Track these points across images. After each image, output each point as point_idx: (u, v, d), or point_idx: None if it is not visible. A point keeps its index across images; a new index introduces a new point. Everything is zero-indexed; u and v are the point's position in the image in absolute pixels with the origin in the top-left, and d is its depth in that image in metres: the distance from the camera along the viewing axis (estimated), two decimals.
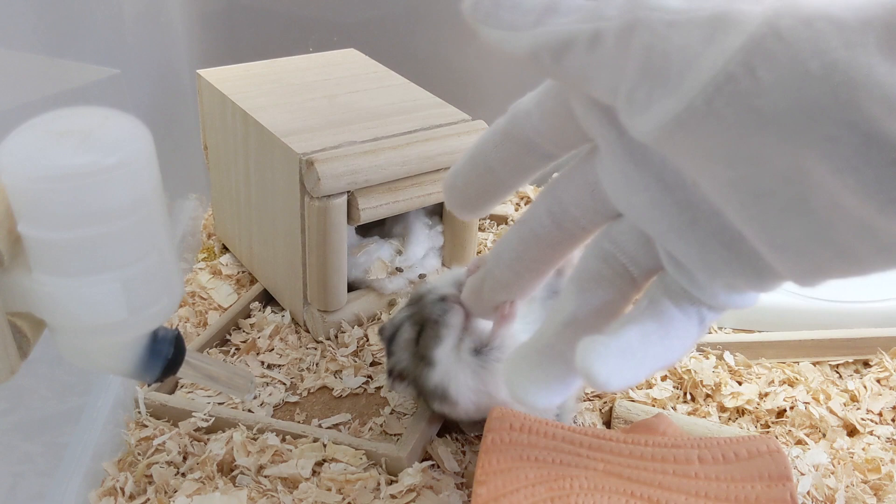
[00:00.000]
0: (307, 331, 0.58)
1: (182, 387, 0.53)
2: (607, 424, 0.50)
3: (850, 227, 0.25)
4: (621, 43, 0.25)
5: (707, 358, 0.55)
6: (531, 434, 0.40)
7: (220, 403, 0.50)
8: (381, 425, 0.50)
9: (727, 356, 0.55)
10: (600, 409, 0.51)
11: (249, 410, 0.51)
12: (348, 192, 0.52)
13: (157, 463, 0.46)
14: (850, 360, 0.56)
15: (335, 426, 0.50)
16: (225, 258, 0.66)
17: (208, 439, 0.47)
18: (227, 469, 0.46)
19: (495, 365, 0.43)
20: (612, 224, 0.33)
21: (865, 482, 0.46)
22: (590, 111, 0.30)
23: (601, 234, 0.33)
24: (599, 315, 0.33)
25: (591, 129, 0.30)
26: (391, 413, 0.51)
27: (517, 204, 0.76)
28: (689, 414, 0.51)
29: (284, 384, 0.53)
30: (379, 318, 0.58)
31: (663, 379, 0.54)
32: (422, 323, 0.44)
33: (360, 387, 0.53)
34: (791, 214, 0.25)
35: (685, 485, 0.38)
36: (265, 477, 0.45)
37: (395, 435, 0.49)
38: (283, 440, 0.47)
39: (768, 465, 0.38)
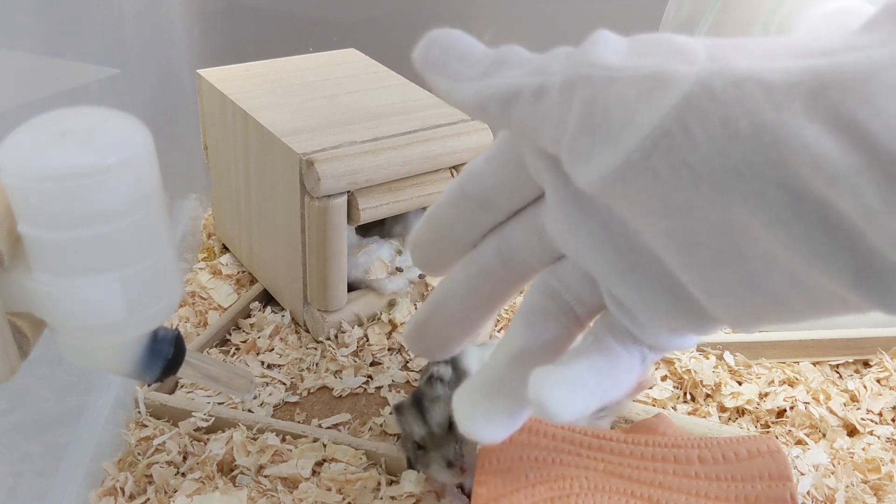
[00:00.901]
0: (307, 331, 0.58)
1: (182, 387, 0.53)
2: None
3: (781, 277, 0.26)
4: (564, 97, 0.27)
5: (707, 358, 0.55)
6: (531, 434, 0.40)
7: (220, 403, 0.50)
8: (381, 425, 0.50)
9: (727, 356, 0.55)
10: None
11: (249, 410, 0.51)
12: (348, 192, 0.52)
13: (157, 463, 0.46)
14: (850, 360, 0.56)
15: (335, 426, 0.50)
16: (225, 258, 0.66)
17: (208, 439, 0.47)
18: (227, 469, 0.46)
19: None
20: (557, 263, 0.34)
21: (865, 482, 0.46)
22: (537, 160, 0.31)
23: (547, 271, 0.34)
24: (547, 350, 0.33)
25: (539, 177, 0.31)
26: (391, 413, 0.51)
27: None
28: (690, 414, 0.51)
29: (284, 384, 0.53)
30: (379, 318, 0.58)
31: (663, 379, 0.54)
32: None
33: (360, 387, 0.53)
34: (725, 263, 0.26)
35: (685, 484, 0.38)
36: (265, 477, 0.45)
37: (395, 435, 0.49)
38: (283, 440, 0.47)
39: (768, 465, 0.38)
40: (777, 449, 0.39)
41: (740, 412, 0.51)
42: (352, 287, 0.58)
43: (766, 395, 0.52)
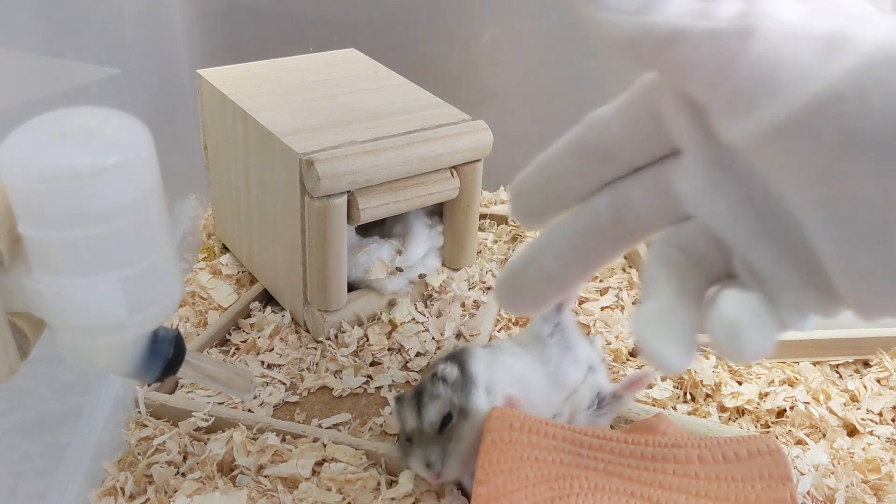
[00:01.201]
0: (307, 331, 0.58)
1: (182, 387, 0.53)
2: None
3: None
4: (734, 45, 0.25)
5: (707, 358, 0.55)
6: (531, 434, 0.40)
7: (220, 403, 0.50)
8: (381, 425, 0.50)
9: None
10: None
11: (249, 410, 0.51)
12: (348, 191, 0.52)
13: (157, 463, 0.46)
14: (851, 360, 0.56)
15: (335, 426, 0.50)
16: (225, 258, 0.66)
17: (208, 439, 0.47)
18: (227, 469, 0.46)
19: None
20: (679, 226, 0.32)
21: (865, 482, 0.46)
22: (680, 110, 0.30)
23: (668, 234, 0.32)
24: (696, 297, 0.31)
25: (677, 130, 0.30)
26: (391, 413, 0.51)
27: None
28: (689, 414, 0.51)
29: (284, 384, 0.53)
30: (379, 318, 0.58)
31: (663, 379, 0.54)
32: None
33: (360, 387, 0.53)
34: (871, 243, 0.25)
35: (685, 484, 0.38)
36: (265, 477, 0.45)
37: (395, 435, 0.49)
38: (283, 440, 0.47)
39: (768, 465, 0.38)
40: (777, 449, 0.39)
41: (740, 412, 0.51)
42: (352, 287, 0.58)
43: (766, 395, 0.52)
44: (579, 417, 0.45)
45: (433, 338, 0.57)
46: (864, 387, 0.53)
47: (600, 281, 0.64)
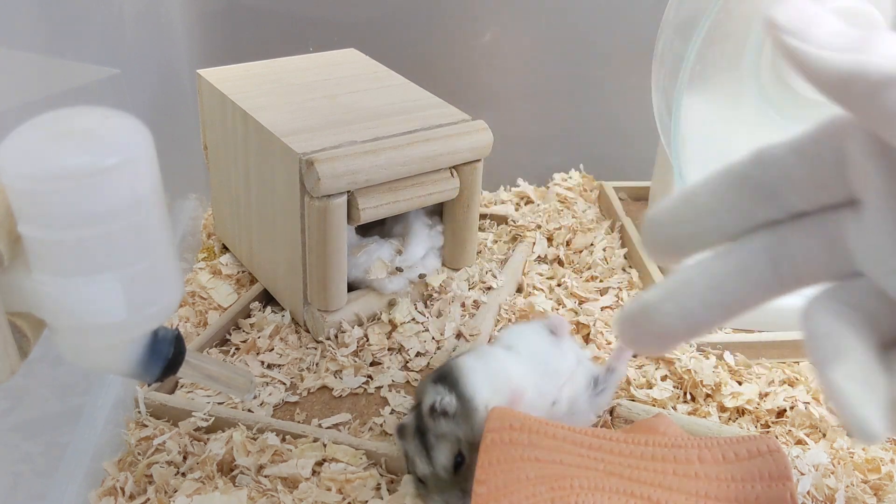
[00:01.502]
0: (307, 331, 0.58)
1: (182, 387, 0.53)
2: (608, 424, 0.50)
3: None
4: None
5: (707, 358, 0.55)
6: (531, 434, 0.40)
7: (219, 403, 0.50)
8: (381, 425, 0.50)
9: (727, 356, 0.55)
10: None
11: (249, 410, 0.51)
12: (348, 192, 0.52)
13: (157, 463, 0.46)
14: None
15: (335, 426, 0.50)
16: (225, 258, 0.66)
17: (208, 439, 0.47)
18: (227, 469, 0.46)
19: None
20: (846, 283, 0.30)
21: (865, 482, 0.46)
22: (871, 158, 0.27)
23: (833, 295, 0.30)
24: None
25: (864, 179, 0.28)
26: (391, 413, 0.51)
27: (517, 204, 0.76)
28: (690, 414, 0.51)
29: (284, 384, 0.53)
30: (379, 318, 0.58)
31: (663, 379, 0.54)
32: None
33: (360, 387, 0.53)
34: None
35: (685, 485, 0.38)
36: (265, 477, 0.45)
37: (391, 435, 0.49)
38: (283, 440, 0.48)
39: (768, 465, 0.38)
40: (777, 449, 0.39)
41: (740, 412, 0.51)
42: (352, 287, 0.58)
43: (767, 395, 0.52)
44: (580, 401, 0.45)
45: (433, 338, 0.57)
46: None
47: (600, 281, 0.64)
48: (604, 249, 0.68)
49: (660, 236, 0.33)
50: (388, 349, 0.56)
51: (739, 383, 0.53)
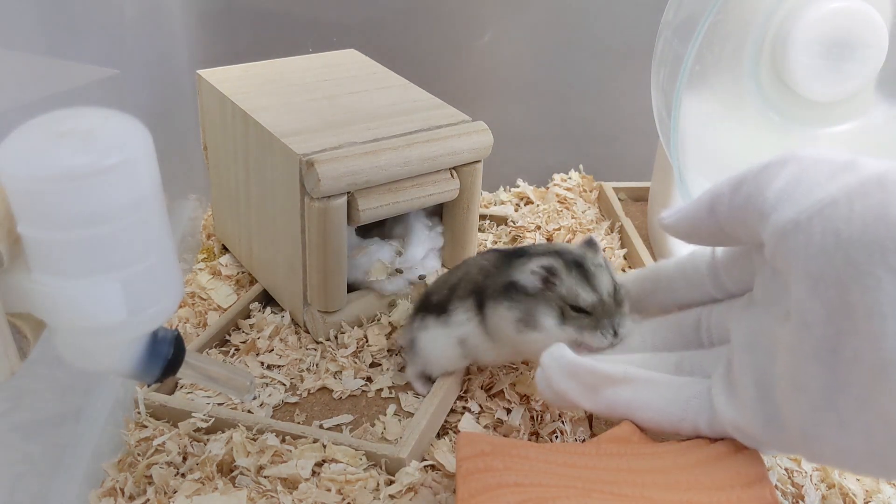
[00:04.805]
0: (307, 331, 0.58)
1: (182, 387, 0.53)
2: (590, 423, 0.50)
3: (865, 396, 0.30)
4: (774, 170, 0.34)
5: None
6: (505, 457, 0.39)
7: (219, 404, 0.50)
8: (381, 426, 0.50)
9: None
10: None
11: (249, 411, 0.51)
12: (348, 192, 0.52)
13: (156, 463, 0.46)
14: None
15: (335, 427, 0.50)
16: (224, 259, 0.66)
17: (208, 440, 0.47)
18: (227, 469, 0.46)
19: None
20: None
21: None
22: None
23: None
24: None
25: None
26: (391, 414, 0.51)
27: (517, 204, 0.76)
28: None
29: (284, 385, 0.53)
30: (378, 319, 0.58)
31: None
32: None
33: (359, 388, 0.53)
34: (814, 360, 0.31)
35: (671, 494, 0.37)
36: (265, 477, 0.45)
37: (395, 437, 0.49)
38: (283, 441, 0.47)
39: (744, 465, 0.37)
40: (747, 448, 0.38)
41: None
42: (352, 288, 0.58)
43: None
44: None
45: None
46: None
47: None
48: (603, 250, 0.68)
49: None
50: (388, 350, 0.56)
51: None
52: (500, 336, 0.47)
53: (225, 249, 0.68)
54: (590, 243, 0.48)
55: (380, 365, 0.55)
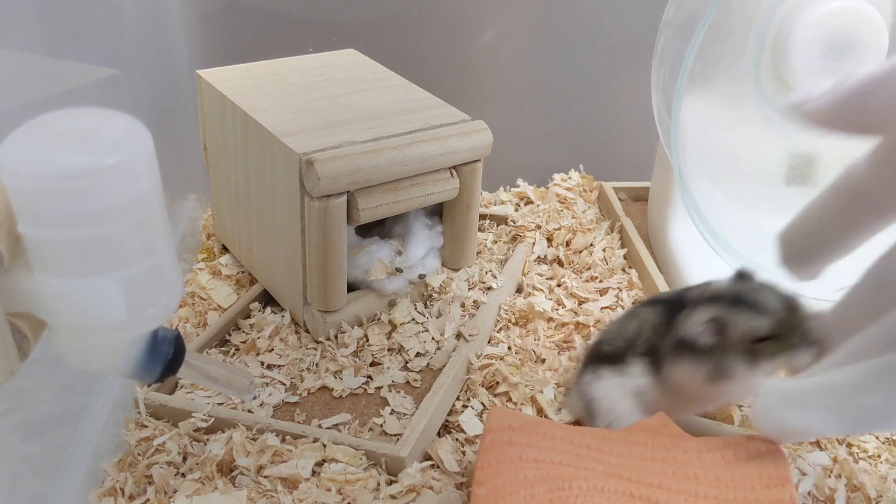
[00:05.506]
0: (307, 331, 0.58)
1: (182, 387, 0.53)
2: None
3: None
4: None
5: None
6: (530, 434, 0.40)
7: (219, 404, 0.50)
8: (381, 425, 0.50)
9: None
10: None
11: (249, 411, 0.51)
12: (348, 192, 0.52)
13: (156, 463, 0.46)
14: None
15: (335, 426, 0.50)
16: (224, 258, 0.66)
17: (208, 439, 0.47)
18: (227, 469, 0.46)
19: None
20: None
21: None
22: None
23: None
24: None
25: None
26: (391, 413, 0.51)
27: (517, 204, 0.76)
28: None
29: (284, 384, 0.53)
30: (379, 319, 0.58)
31: None
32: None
33: (360, 387, 0.53)
34: None
35: (685, 486, 0.38)
36: (265, 477, 0.45)
37: (395, 435, 0.49)
38: (283, 440, 0.47)
39: (768, 466, 0.38)
40: (776, 450, 0.39)
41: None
42: (352, 287, 0.58)
43: None
44: None
45: (433, 338, 0.57)
46: None
47: (600, 281, 0.64)
48: (603, 250, 0.68)
49: (791, 254, 0.40)
50: (388, 349, 0.56)
51: None
52: (685, 392, 0.45)
53: (225, 249, 0.68)
54: (741, 276, 0.45)
55: (380, 364, 0.55)
